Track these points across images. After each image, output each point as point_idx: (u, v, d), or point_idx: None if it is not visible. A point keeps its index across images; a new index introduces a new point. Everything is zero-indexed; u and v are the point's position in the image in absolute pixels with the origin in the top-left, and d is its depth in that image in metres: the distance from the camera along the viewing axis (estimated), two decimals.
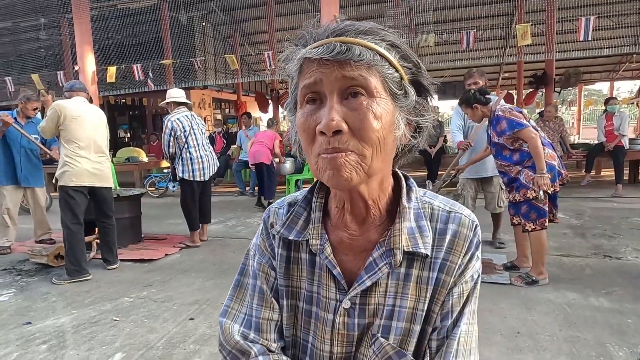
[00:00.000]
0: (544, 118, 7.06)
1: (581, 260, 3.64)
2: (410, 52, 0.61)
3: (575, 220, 5.07)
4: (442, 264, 0.63)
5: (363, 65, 0.55)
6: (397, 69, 0.58)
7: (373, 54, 0.55)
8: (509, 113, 3.05)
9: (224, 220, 5.84)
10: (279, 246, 0.71)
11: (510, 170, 3.18)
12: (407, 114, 0.61)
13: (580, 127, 20.57)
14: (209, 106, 15.13)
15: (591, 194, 6.70)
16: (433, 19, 8.69)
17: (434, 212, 0.66)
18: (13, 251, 4.53)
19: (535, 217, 3.06)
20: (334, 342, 0.66)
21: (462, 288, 0.64)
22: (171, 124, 4.37)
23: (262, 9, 11.74)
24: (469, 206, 4.11)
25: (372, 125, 0.55)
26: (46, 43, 11.60)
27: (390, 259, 0.62)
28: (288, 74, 0.62)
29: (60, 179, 3.56)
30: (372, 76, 0.56)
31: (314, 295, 0.68)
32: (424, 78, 0.62)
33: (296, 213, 0.71)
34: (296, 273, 0.70)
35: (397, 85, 0.58)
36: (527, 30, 6.28)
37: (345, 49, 0.54)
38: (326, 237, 0.67)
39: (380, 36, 0.58)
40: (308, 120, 0.58)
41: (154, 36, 11.30)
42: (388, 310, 0.64)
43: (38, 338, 2.57)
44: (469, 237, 0.64)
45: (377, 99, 0.56)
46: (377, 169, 0.59)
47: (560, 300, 2.84)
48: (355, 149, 0.56)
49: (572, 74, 12.91)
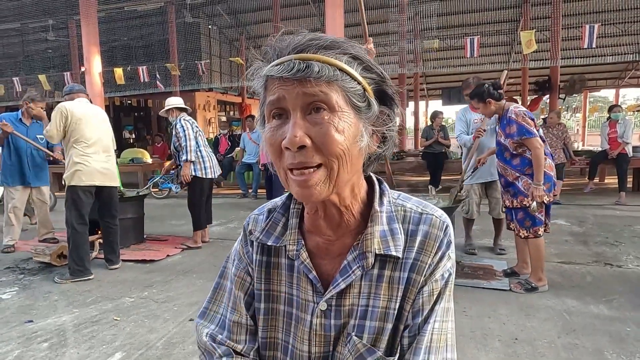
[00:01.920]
0: (547, 124, 7.05)
1: (582, 267, 3.63)
2: (373, 63, 0.61)
3: (578, 228, 5.05)
4: (413, 263, 0.65)
5: (323, 81, 0.56)
6: (358, 81, 0.59)
7: (333, 70, 0.56)
8: (522, 118, 3.03)
9: (225, 222, 5.86)
10: (257, 252, 0.73)
11: (507, 174, 3.18)
12: (371, 125, 0.62)
13: (585, 134, 20.50)
14: (214, 108, 15.21)
15: (594, 201, 6.68)
16: (438, 24, 8.72)
17: (407, 214, 0.68)
18: (17, 250, 4.58)
19: (530, 225, 3.07)
20: (312, 342, 0.68)
21: (432, 287, 0.65)
22: (189, 124, 4.44)
23: (268, 12, 11.82)
24: (473, 212, 4.11)
25: (335, 139, 0.56)
26: (54, 44, 11.73)
27: (363, 262, 0.65)
28: (255, 89, 0.63)
29: (71, 179, 3.58)
30: (332, 91, 0.56)
31: (294, 297, 0.70)
32: (388, 87, 0.63)
33: (274, 219, 0.73)
34: (276, 277, 0.72)
35: (359, 98, 0.59)
36: (532, 37, 6.29)
37: (305, 66, 0.55)
38: (302, 243, 0.69)
39: (341, 50, 0.58)
40: (274, 135, 0.59)
41: (160, 38, 11.40)
42: (362, 311, 0.66)
43: (39, 336, 2.59)
44: (439, 237, 0.66)
45: (339, 112, 0.57)
46: (345, 180, 0.60)
47: (560, 307, 2.84)
48: (322, 161, 0.57)
49: (577, 81, 12.90)
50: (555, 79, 10.70)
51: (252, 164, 8.18)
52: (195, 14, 11.32)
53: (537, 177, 2.95)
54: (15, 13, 9.68)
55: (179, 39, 11.30)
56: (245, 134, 8.43)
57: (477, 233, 4.68)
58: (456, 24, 11.41)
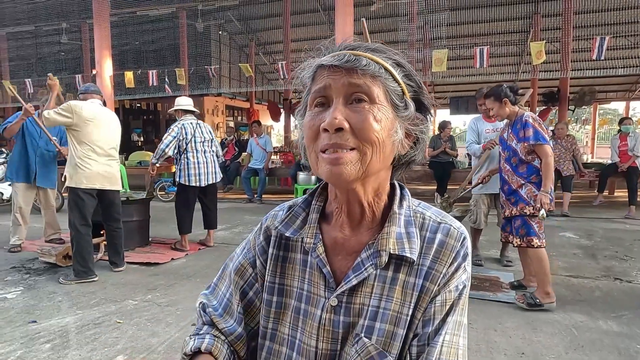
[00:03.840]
0: (555, 136, 7.00)
1: (590, 281, 3.57)
2: (414, 73, 0.66)
3: (586, 241, 4.98)
4: (428, 272, 0.65)
5: (368, 74, 0.61)
6: (399, 83, 0.64)
7: (378, 67, 0.62)
8: (539, 124, 3.02)
9: (231, 226, 5.87)
10: (274, 246, 0.75)
11: (512, 180, 3.13)
12: (406, 124, 0.66)
13: (595, 146, 20.31)
14: (222, 113, 15.31)
15: (603, 214, 6.59)
16: (447, 34, 8.73)
17: (425, 222, 0.69)
18: (24, 249, 4.61)
19: (524, 234, 3.03)
20: (320, 337, 0.68)
21: (445, 297, 0.65)
22: (178, 129, 4.49)
23: (279, 19, 11.91)
24: (481, 222, 4.07)
25: (372, 126, 0.61)
26: (66, 47, 11.90)
27: (377, 260, 0.65)
28: (302, 81, 0.68)
29: (71, 179, 3.60)
30: (375, 86, 0.61)
31: (304, 293, 0.71)
32: (424, 98, 0.68)
33: (295, 213, 0.75)
34: (290, 272, 0.74)
35: (398, 98, 0.64)
36: (542, 48, 6.26)
37: (354, 58, 0.61)
38: (320, 237, 0.71)
39: (387, 54, 0.65)
40: (314, 119, 0.64)
41: (171, 43, 11.52)
42: (372, 311, 0.66)
43: (42, 337, 2.59)
44: (455, 248, 0.66)
45: (379, 105, 0.62)
46: (375, 169, 0.63)
47: (568, 321, 2.79)
48: (356, 145, 0.61)
49: (587, 93, 12.80)
50: (564, 90, 10.64)
51: (258, 169, 8.20)
52: (206, 19, 11.43)
53: (545, 185, 2.93)
54: (30, 16, 9.85)
55: (190, 44, 11.41)
56: (252, 140, 8.47)
57: (484, 244, 4.63)
58: (465, 33, 11.41)
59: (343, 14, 6.26)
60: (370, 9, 9.64)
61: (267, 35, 14.07)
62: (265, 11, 12.01)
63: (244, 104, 16.24)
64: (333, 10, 7.59)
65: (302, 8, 11.58)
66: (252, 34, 14.05)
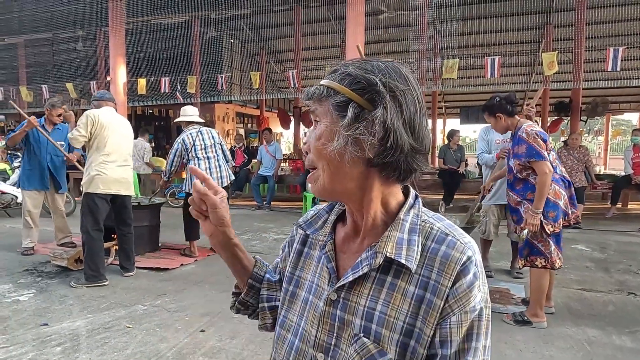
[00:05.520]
0: (568, 146, 6.93)
1: (604, 295, 3.51)
2: (363, 74, 0.65)
3: (599, 254, 4.90)
4: (429, 283, 0.65)
5: (316, 99, 0.69)
6: (343, 93, 0.66)
7: (323, 89, 0.68)
8: (533, 138, 2.79)
9: (240, 233, 5.89)
10: (299, 241, 0.84)
11: (510, 198, 3.01)
12: (348, 132, 0.64)
13: (607, 158, 20.05)
14: (232, 120, 15.44)
15: (616, 227, 6.49)
16: (458, 43, 8.72)
17: (432, 232, 0.69)
18: (36, 252, 4.67)
19: (527, 254, 2.89)
20: (320, 327, 0.72)
21: (461, 318, 0.64)
22: (177, 146, 4.60)
23: (290, 28, 12.02)
24: (490, 233, 4.02)
25: (315, 143, 0.69)
26: (82, 54, 12.11)
27: (372, 261, 0.67)
28: None
29: (88, 186, 3.66)
30: (322, 107, 0.68)
31: (314, 285, 0.76)
32: (378, 88, 0.64)
33: (319, 214, 0.82)
34: (307, 266, 0.80)
35: (339, 108, 0.66)
36: (554, 59, 6.23)
37: (312, 91, 0.69)
38: (332, 236, 0.77)
39: (340, 72, 0.68)
40: None
41: (183, 51, 11.68)
42: (368, 313, 0.67)
43: (53, 340, 2.62)
44: (460, 261, 0.65)
45: (321, 123, 0.68)
46: (336, 180, 0.68)
47: (580, 336, 2.74)
48: (315, 164, 0.70)
49: (600, 103, 12.66)
50: (576, 101, 10.53)
51: (267, 176, 8.23)
52: (218, 28, 11.58)
53: (536, 204, 2.75)
54: (48, 24, 10.06)
55: (202, 51, 11.55)
56: (262, 147, 8.51)
57: (494, 255, 4.58)
58: (476, 43, 11.39)
59: (354, 23, 6.31)
60: (380, 19, 9.70)
61: (278, 44, 14.19)
62: (276, 20, 12.13)
63: (254, 111, 16.36)
64: (344, 20, 7.65)
65: (313, 17, 11.67)
66: (263, 42, 14.19)
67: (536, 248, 2.86)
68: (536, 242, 2.85)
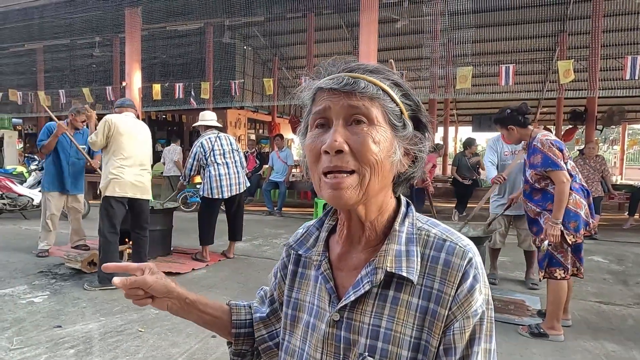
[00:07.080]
0: (584, 156, 6.82)
1: (622, 309, 3.42)
2: (411, 92, 0.68)
3: (617, 266, 4.79)
4: (432, 293, 0.63)
5: (366, 96, 0.62)
6: (397, 103, 0.65)
7: (376, 89, 0.63)
8: (548, 148, 2.75)
9: (251, 238, 5.89)
10: (292, 262, 0.80)
11: (528, 209, 2.95)
12: (404, 144, 0.67)
13: (624, 167, 19.69)
14: (244, 126, 15.53)
15: (634, 238, 6.34)
16: (472, 51, 8.68)
17: (429, 240, 0.68)
18: (51, 254, 4.73)
19: (547, 265, 2.83)
20: (324, 351, 0.69)
21: (464, 324, 0.62)
22: (196, 149, 4.64)
23: (302, 35, 12.09)
24: (496, 242, 3.98)
25: (371, 148, 0.62)
26: (98, 59, 12.34)
27: (373, 277, 0.65)
28: (303, 101, 0.70)
29: (105, 189, 3.72)
30: (374, 107, 0.63)
31: (315, 307, 0.73)
32: (422, 115, 0.69)
33: (309, 232, 0.79)
34: (304, 287, 0.77)
35: (397, 118, 0.65)
36: (570, 67, 6.16)
37: (352, 81, 0.62)
38: (326, 254, 0.74)
39: (384, 75, 0.65)
40: (315, 142, 0.65)
41: (197, 57, 11.83)
42: (373, 331, 0.65)
43: (67, 342, 2.64)
44: (461, 267, 0.63)
45: (377, 126, 0.63)
46: (375, 190, 0.65)
47: (599, 350, 2.67)
48: (355, 167, 0.62)
49: (616, 112, 12.45)
50: (592, 109, 10.37)
51: (279, 182, 8.25)
52: (232, 35, 11.71)
53: (555, 214, 2.70)
54: (66, 30, 10.27)
55: (215, 58, 11.68)
56: (274, 153, 8.55)
57: (509, 265, 4.51)
58: (490, 51, 11.33)
59: (367, 31, 6.32)
60: (395, 26, 9.71)
61: (290, 51, 14.28)
62: (289, 27, 12.22)
63: (266, 117, 16.45)
64: (357, 27, 7.67)
65: (326, 24, 11.72)
66: (276, 49, 14.29)
67: (555, 259, 2.80)
68: (556, 252, 2.79)
